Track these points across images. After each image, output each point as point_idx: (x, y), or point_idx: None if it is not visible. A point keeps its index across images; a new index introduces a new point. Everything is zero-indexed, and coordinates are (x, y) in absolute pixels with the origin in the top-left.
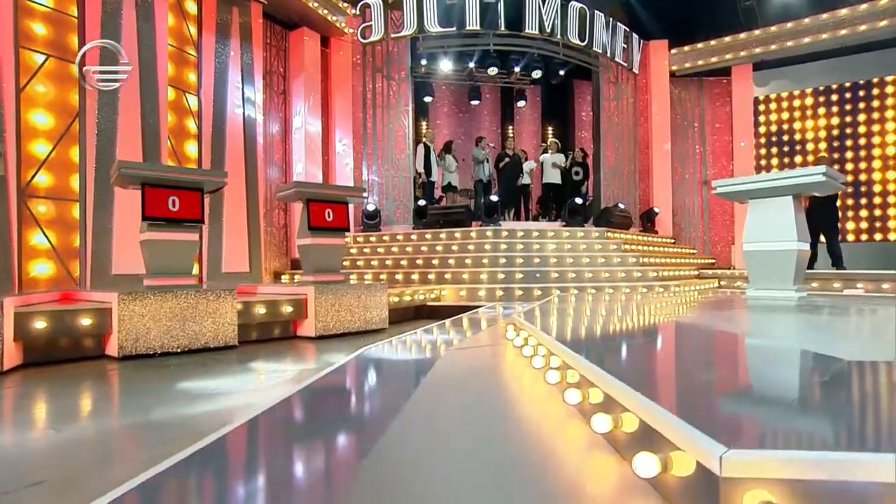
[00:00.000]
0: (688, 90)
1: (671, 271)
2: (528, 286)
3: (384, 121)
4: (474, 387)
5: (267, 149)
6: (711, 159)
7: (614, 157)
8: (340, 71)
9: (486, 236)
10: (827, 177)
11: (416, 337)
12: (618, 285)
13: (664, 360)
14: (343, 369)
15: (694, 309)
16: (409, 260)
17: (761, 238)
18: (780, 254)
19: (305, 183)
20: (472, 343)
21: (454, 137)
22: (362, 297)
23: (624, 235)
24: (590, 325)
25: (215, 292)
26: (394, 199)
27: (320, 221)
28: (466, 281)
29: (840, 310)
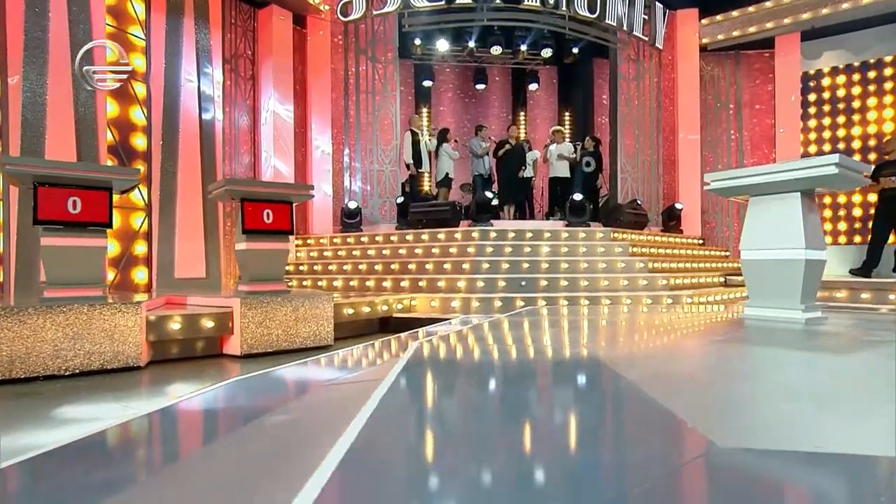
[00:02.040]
0: (722, 67)
1: (686, 279)
2: (509, 296)
3: (369, 108)
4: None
5: (231, 140)
6: (749, 147)
7: (634, 145)
8: (318, 53)
9: (472, 238)
10: (841, 168)
11: (289, 371)
12: (617, 295)
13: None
14: (147, 419)
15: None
16: (384, 264)
17: (762, 244)
18: (784, 264)
19: (238, 180)
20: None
21: (460, 124)
22: (300, 310)
23: (634, 236)
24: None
25: (115, 306)
26: (379, 194)
27: (257, 223)
28: (442, 289)
29: (855, 342)
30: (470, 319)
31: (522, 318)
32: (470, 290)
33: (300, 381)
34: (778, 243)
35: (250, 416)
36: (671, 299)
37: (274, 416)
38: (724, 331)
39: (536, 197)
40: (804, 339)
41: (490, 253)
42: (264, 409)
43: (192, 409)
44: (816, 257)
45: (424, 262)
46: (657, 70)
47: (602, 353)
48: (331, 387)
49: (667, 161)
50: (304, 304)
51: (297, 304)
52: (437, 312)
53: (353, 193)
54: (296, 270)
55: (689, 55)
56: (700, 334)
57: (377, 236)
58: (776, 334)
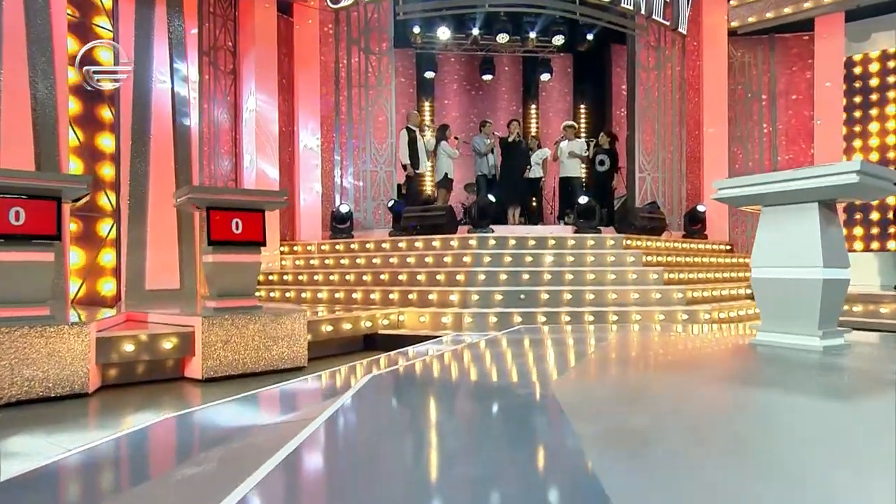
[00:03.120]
0: (753, 52)
1: (706, 291)
2: (506, 311)
3: (361, 103)
4: None
5: (210, 140)
6: (785, 141)
7: (654, 141)
8: (306, 44)
9: (469, 246)
10: (864, 175)
11: (222, 409)
12: (625, 311)
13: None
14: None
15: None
16: (373, 275)
17: (775, 261)
18: (799, 284)
19: (203, 187)
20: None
21: (466, 119)
22: (270, 329)
23: (649, 244)
24: None
25: (59, 327)
26: (373, 197)
27: (225, 234)
28: (433, 303)
29: (879, 383)
30: (461, 338)
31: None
32: (463, 305)
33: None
34: (793, 260)
35: (160, 465)
36: (686, 315)
37: (184, 468)
38: (726, 363)
39: (548, 198)
40: (819, 374)
41: (487, 263)
42: (182, 454)
43: (102, 456)
44: (837, 276)
45: (416, 272)
46: (680, 58)
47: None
48: (259, 429)
49: (691, 158)
50: (274, 321)
51: (266, 322)
52: (427, 329)
53: (345, 196)
54: (280, 280)
55: (716, 40)
56: (695, 367)
57: (368, 243)
58: (787, 369)
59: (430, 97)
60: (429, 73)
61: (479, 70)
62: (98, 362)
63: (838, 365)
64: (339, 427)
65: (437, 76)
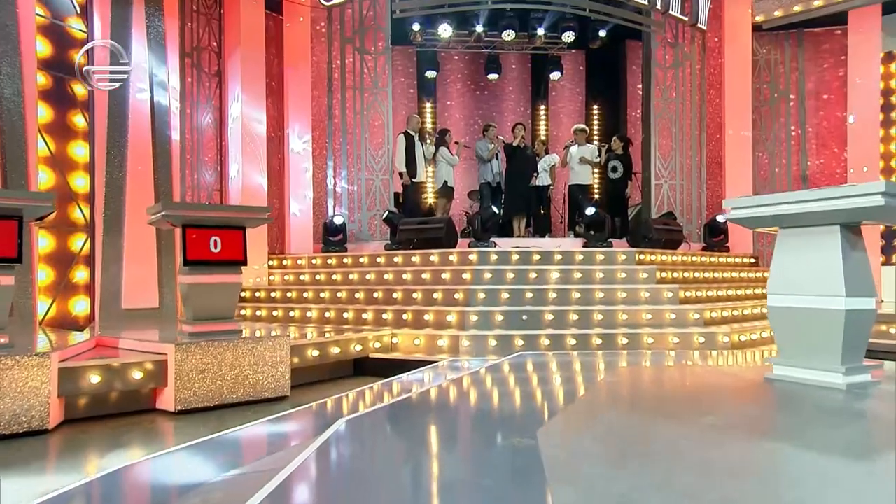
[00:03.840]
0: (780, 49)
1: (726, 311)
2: (507, 333)
3: (356, 107)
4: None
5: (193, 148)
6: (815, 145)
7: (671, 145)
8: (297, 43)
9: (469, 261)
10: (889, 197)
11: (178, 457)
12: (636, 333)
13: None
14: None
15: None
16: (366, 292)
17: (793, 288)
18: (820, 315)
19: (178, 203)
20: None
21: (471, 121)
22: (249, 355)
23: (664, 258)
24: None
25: (14, 357)
26: (368, 207)
27: (203, 253)
28: (429, 324)
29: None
30: (457, 363)
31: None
32: (461, 326)
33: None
34: (813, 288)
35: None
36: (703, 338)
37: None
38: (735, 407)
39: (557, 206)
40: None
41: (488, 280)
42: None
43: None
44: (862, 307)
45: (412, 290)
46: (700, 55)
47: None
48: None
49: (712, 164)
50: (255, 347)
51: (246, 348)
52: (422, 352)
53: (338, 206)
54: (267, 297)
55: (739, 36)
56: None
57: (362, 257)
58: (802, 415)
59: (432, 97)
60: (430, 72)
61: (484, 69)
62: (61, 395)
63: (862, 410)
64: (293, 491)
65: (440, 75)
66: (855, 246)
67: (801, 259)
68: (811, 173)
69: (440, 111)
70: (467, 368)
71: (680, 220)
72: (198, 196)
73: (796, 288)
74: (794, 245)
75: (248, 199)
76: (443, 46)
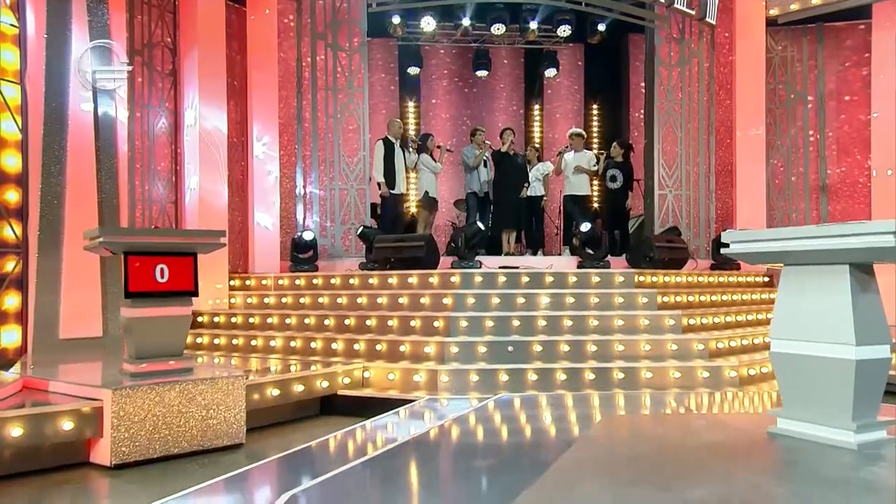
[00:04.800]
0: (797, 45)
1: (734, 339)
2: (490, 368)
3: (329, 109)
4: None
5: (144, 156)
6: (836, 150)
7: (676, 151)
8: (262, 39)
9: (451, 284)
10: None
11: None
12: (635, 368)
13: None
14: None
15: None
16: (337, 319)
17: (798, 332)
18: (827, 364)
19: (117, 228)
20: None
21: (458, 122)
22: (199, 398)
23: (667, 279)
24: None
25: None
26: (342, 220)
27: (147, 284)
28: (405, 356)
29: None
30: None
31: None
32: (440, 359)
33: None
34: (820, 334)
35: None
36: (708, 373)
37: None
38: (730, 474)
39: (552, 217)
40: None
41: (472, 306)
42: None
43: None
44: (876, 355)
45: (387, 316)
46: (708, 52)
47: None
48: None
49: (722, 172)
50: (206, 389)
51: (196, 390)
52: (396, 389)
53: (309, 220)
54: (227, 323)
55: (751, 31)
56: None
57: (333, 278)
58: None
59: (416, 96)
60: (413, 68)
61: (472, 64)
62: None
63: (875, 480)
64: None
65: (424, 71)
66: (866, 287)
67: (806, 301)
68: (831, 182)
69: (424, 110)
70: (441, 416)
71: (686, 233)
72: (149, 210)
73: (802, 333)
74: (800, 284)
75: (207, 212)
76: (426, 40)
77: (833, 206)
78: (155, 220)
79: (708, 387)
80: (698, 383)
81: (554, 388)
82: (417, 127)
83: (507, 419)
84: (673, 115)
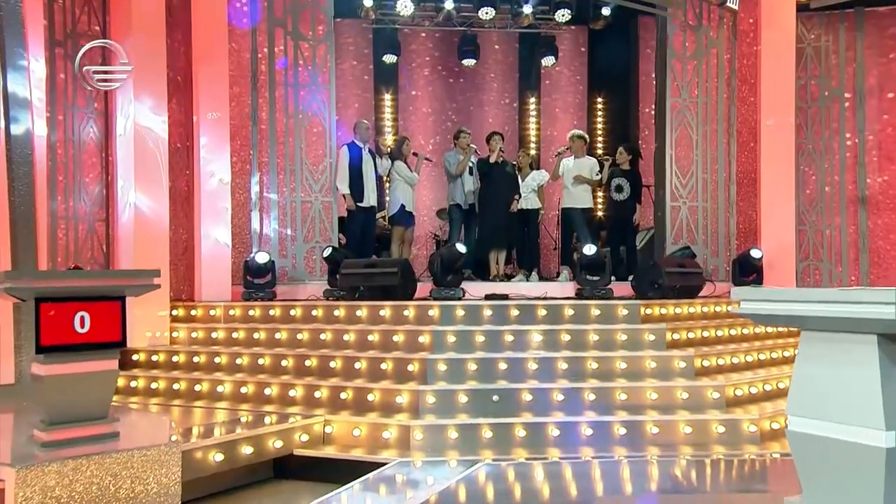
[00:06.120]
0: (833, 34)
1: (756, 384)
2: (472, 423)
3: (289, 109)
4: None
5: (67, 166)
6: (877, 157)
7: (691, 157)
8: (210, 27)
9: (429, 318)
10: None
11: None
12: (639, 422)
13: None
14: None
15: None
16: (296, 359)
17: (818, 410)
18: (852, 450)
19: (26, 272)
20: None
21: (442, 118)
22: (125, 471)
23: (677, 310)
24: None
25: None
26: (305, 238)
27: (64, 336)
28: (374, 406)
29: None
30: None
31: None
32: (415, 410)
33: None
34: (844, 414)
35: None
36: (724, 427)
37: None
38: None
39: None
40: None
41: (452, 345)
42: None
43: None
44: None
45: (354, 358)
46: (729, 42)
47: None
48: None
49: (744, 180)
50: (133, 460)
51: (120, 461)
52: (362, 448)
53: (265, 238)
54: (167, 362)
55: (780, 17)
56: None
57: (293, 308)
58: None
59: (393, 87)
60: (389, 56)
61: (457, 51)
62: None
63: None
64: None
65: (403, 58)
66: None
67: (828, 373)
68: (872, 194)
69: (402, 103)
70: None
71: (703, 252)
72: (75, 231)
73: (822, 411)
74: (821, 354)
75: (144, 231)
76: (405, 23)
77: (873, 220)
78: (81, 242)
79: (724, 444)
80: (713, 439)
81: (545, 447)
82: (395, 123)
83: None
84: (688, 115)
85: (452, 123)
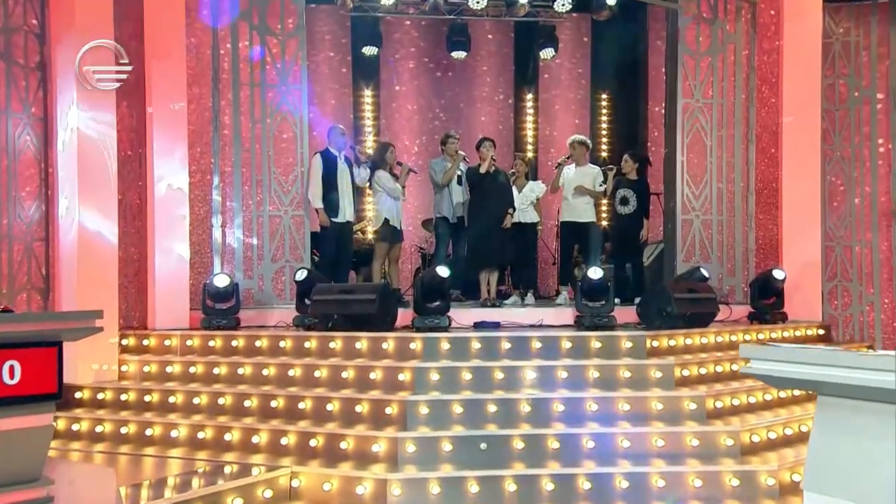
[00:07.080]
0: (864, 28)
1: (776, 428)
2: (457, 475)
3: (255, 113)
4: None
5: (2, 178)
6: None
7: (705, 164)
8: (165, 21)
9: (411, 353)
10: None
11: None
12: (644, 473)
13: None
14: None
15: None
16: (260, 399)
17: (834, 486)
18: None
19: None
20: None
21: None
22: None
23: (688, 341)
24: None
25: None
26: (273, 257)
27: None
28: (348, 455)
29: None
30: None
31: None
32: (393, 461)
33: None
34: (862, 492)
35: None
36: (738, 480)
37: None
38: None
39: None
40: None
41: (436, 384)
42: None
43: None
44: None
45: (326, 399)
46: (748, 37)
47: None
48: None
49: (764, 191)
50: None
51: None
52: None
53: (228, 258)
54: (114, 400)
55: (804, 9)
56: None
57: (259, 339)
58: None
59: (374, 82)
60: (369, 48)
61: (446, 42)
62: None
63: None
64: None
65: (385, 50)
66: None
67: (845, 445)
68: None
69: (384, 101)
70: None
71: (718, 270)
72: (9, 253)
73: (838, 488)
74: (837, 423)
75: (90, 251)
76: (387, 11)
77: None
78: (17, 265)
79: (738, 498)
80: (726, 494)
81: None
82: (376, 122)
83: None
84: (701, 118)
85: (440, 122)
